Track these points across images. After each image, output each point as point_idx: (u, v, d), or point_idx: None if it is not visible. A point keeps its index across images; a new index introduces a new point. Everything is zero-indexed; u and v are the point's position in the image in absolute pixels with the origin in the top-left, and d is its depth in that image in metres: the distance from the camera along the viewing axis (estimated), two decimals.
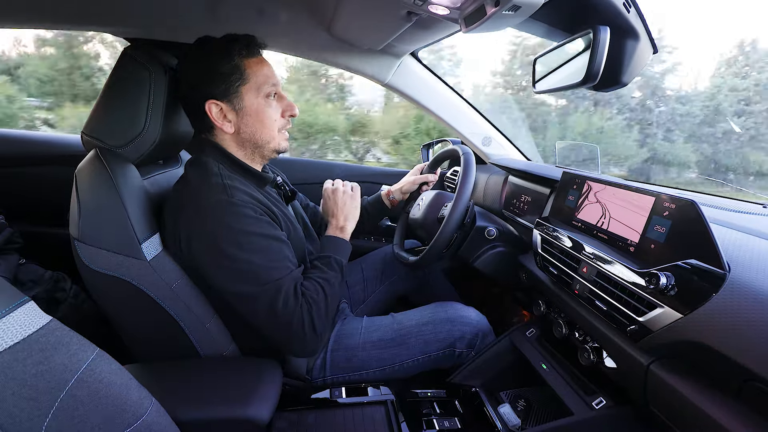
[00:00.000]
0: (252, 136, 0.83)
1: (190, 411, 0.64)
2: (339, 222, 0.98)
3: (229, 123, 0.81)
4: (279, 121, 0.85)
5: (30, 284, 1.13)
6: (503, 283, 1.14)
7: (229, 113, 0.81)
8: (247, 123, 0.82)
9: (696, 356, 0.56)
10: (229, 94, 0.79)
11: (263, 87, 0.81)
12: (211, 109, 0.79)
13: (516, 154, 1.52)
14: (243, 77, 0.79)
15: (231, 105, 0.80)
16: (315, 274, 0.83)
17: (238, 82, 0.79)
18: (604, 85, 0.80)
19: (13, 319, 0.41)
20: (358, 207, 1.02)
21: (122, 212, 0.73)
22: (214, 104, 0.79)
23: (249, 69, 0.80)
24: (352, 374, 0.93)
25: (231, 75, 0.78)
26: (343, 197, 1.01)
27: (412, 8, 0.77)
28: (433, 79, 1.37)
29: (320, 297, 0.79)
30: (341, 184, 1.06)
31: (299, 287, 0.77)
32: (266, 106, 0.82)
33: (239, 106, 0.80)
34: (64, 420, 0.41)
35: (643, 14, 0.71)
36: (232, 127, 0.82)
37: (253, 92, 0.81)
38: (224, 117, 0.80)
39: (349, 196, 1.02)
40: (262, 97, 0.82)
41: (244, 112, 0.81)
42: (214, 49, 0.79)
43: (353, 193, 1.04)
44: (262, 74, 0.81)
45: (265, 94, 0.82)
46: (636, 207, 0.69)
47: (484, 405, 0.86)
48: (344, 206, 1.00)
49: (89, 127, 0.79)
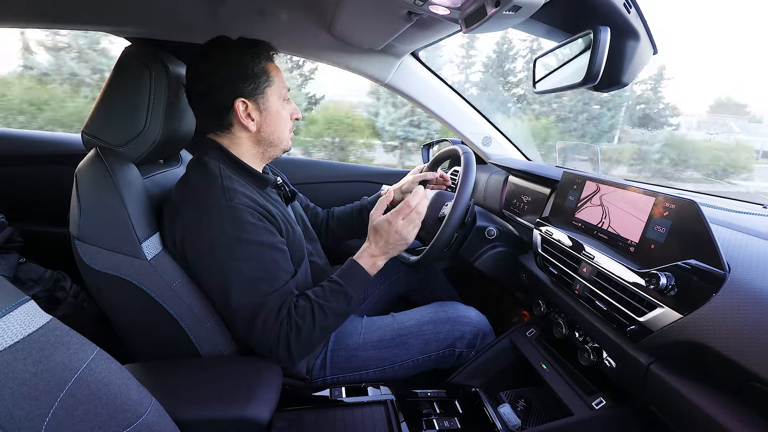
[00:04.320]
0: (270, 135, 0.86)
1: (190, 411, 0.64)
2: (377, 253, 0.87)
3: (253, 122, 0.84)
4: (289, 122, 0.90)
5: (30, 283, 1.13)
6: (503, 283, 1.14)
7: (254, 112, 0.83)
8: (269, 123, 0.85)
9: (696, 356, 0.56)
10: (256, 93, 0.82)
11: (282, 91, 0.87)
12: (238, 106, 0.81)
13: (516, 154, 1.52)
14: (269, 79, 0.84)
15: (256, 104, 0.83)
16: (315, 297, 0.80)
17: (266, 83, 0.83)
18: (605, 86, 0.80)
19: (13, 318, 0.41)
20: (407, 244, 0.88)
21: (122, 211, 0.73)
22: (242, 102, 0.81)
23: (272, 72, 0.84)
24: (352, 374, 0.93)
25: (260, 76, 0.82)
26: (404, 225, 0.86)
27: (412, 8, 0.77)
28: (433, 79, 1.37)
29: (306, 323, 0.76)
30: (419, 203, 0.87)
31: (285, 307, 0.75)
32: (284, 108, 0.88)
33: (264, 106, 0.84)
34: (64, 419, 0.41)
35: (643, 15, 0.71)
36: (255, 126, 0.84)
37: (276, 95, 0.85)
38: (248, 116, 0.83)
39: (411, 227, 0.87)
40: (282, 100, 0.87)
41: (268, 113, 0.85)
42: (244, 50, 0.81)
43: (412, 227, 0.87)
44: (280, 78, 0.86)
45: (283, 97, 0.87)
46: (636, 207, 0.69)
47: (484, 405, 0.86)
48: (396, 245, 0.86)
49: (90, 126, 0.79)
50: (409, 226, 0.86)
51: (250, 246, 0.74)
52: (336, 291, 0.82)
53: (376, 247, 0.87)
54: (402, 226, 0.86)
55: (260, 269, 0.75)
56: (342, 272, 0.85)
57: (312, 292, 0.81)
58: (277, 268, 0.77)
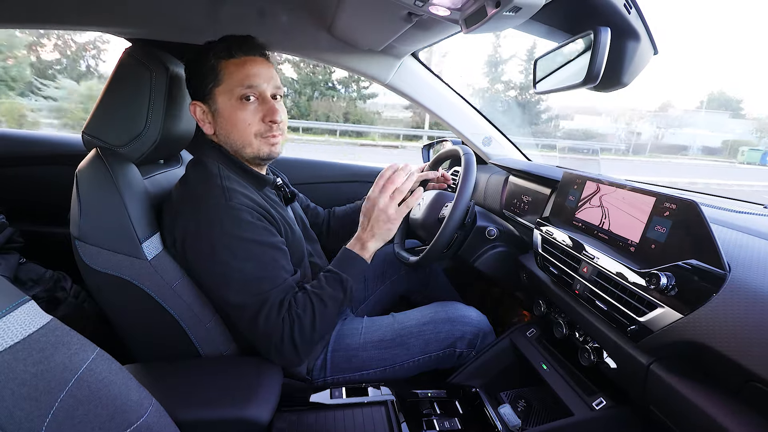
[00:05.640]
0: (226, 140, 0.82)
1: (190, 411, 0.64)
2: (365, 236, 0.86)
3: (209, 125, 0.82)
4: (256, 125, 0.80)
5: (30, 283, 1.13)
6: (504, 283, 1.14)
7: (208, 115, 0.82)
8: (221, 125, 0.81)
9: (696, 356, 0.56)
10: (204, 95, 0.80)
11: (236, 89, 0.78)
12: (194, 110, 0.81)
13: (516, 154, 1.52)
14: (217, 79, 0.78)
15: (208, 106, 0.81)
16: (312, 288, 0.80)
17: (212, 83, 0.79)
18: (605, 86, 0.80)
19: (14, 318, 0.41)
20: (396, 226, 0.87)
21: (123, 212, 0.73)
22: (197, 105, 0.81)
23: (225, 70, 0.78)
24: (352, 374, 0.93)
25: (206, 76, 0.79)
26: (387, 204, 0.84)
27: (412, 9, 0.77)
28: (433, 79, 1.37)
29: (307, 314, 0.76)
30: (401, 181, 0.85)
31: (286, 301, 0.75)
32: (239, 109, 0.79)
33: (214, 108, 0.81)
34: (64, 420, 0.41)
35: (643, 15, 0.71)
36: (211, 129, 0.83)
37: (225, 95, 0.79)
38: (205, 118, 0.82)
39: (395, 209, 0.85)
40: (236, 100, 0.78)
41: (218, 114, 0.81)
42: (200, 49, 0.80)
43: (400, 208, 0.86)
44: (238, 76, 0.78)
45: (239, 96, 0.78)
46: (636, 207, 0.69)
47: (484, 405, 0.86)
48: (378, 220, 0.85)
49: (90, 127, 0.79)
50: (385, 198, 0.84)
51: (250, 245, 0.74)
52: (330, 278, 0.82)
53: (362, 229, 0.87)
54: (381, 200, 0.84)
55: (260, 268, 0.75)
56: (335, 261, 0.86)
57: (309, 284, 0.81)
58: (277, 267, 0.77)
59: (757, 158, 22.70)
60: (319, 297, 0.78)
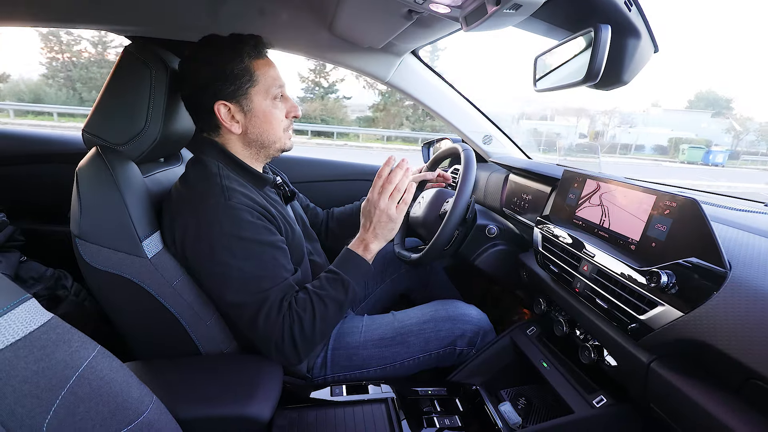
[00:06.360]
0: (259, 137, 0.84)
1: (191, 409, 0.64)
2: (368, 237, 0.86)
3: (237, 124, 0.81)
4: (284, 121, 0.85)
5: (31, 281, 1.13)
6: (504, 281, 1.14)
7: (237, 114, 0.81)
8: (255, 124, 0.82)
9: (697, 354, 0.56)
10: (238, 95, 0.79)
11: (271, 89, 0.82)
12: (219, 109, 0.79)
13: (517, 152, 1.52)
14: (252, 79, 0.79)
15: (239, 106, 0.80)
16: (313, 288, 0.80)
17: (248, 84, 0.79)
18: (605, 84, 0.80)
19: (15, 316, 0.41)
20: (398, 225, 0.87)
21: (123, 210, 0.73)
22: (223, 105, 0.79)
23: (258, 71, 0.80)
24: (352, 372, 0.93)
25: (241, 77, 0.78)
26: (388, 205, 0.85)
27: (413, 7, 0.77)
28: (433, 77, 1.37)
29: (307, 314, 0.76)
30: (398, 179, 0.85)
31: (286, 300, 0.76)
32: (273, 107, 0.83)
33: (248, 107, 0.81)
34: (65, 417, 0.41)
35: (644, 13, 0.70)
36: (239, 128, 0.82)
37: (261, 94, 0.81)
38: (232, 118, 0.81)
39: (388, 201, 0.85)
40: (270, 99, 0.82)
41: (253, 114, 0.81)
42: (223, 50, 0.78)
43: (399, 206, 0.86)
44: (269, 76, 0.81)
45: (273, 96, 0.82)
46: (637, 205, 0.69)
47: (484, 403, 0.86)
48: (380, 221, 0.85)
49: (90, 125, 0.79)
50: (385, 199, 0.85)
51: (250, 244, 0.74)
52: (332, 279, 0.82)
53: (364, 230, 0.87)
54: (381, 201, 0.85)
55: (260, 267, 0.75)
56: (337, 261, 0.86)
57: (310, 284, 0.81)
58: (277, 266, 0.77)
59: (698, 156, 21.35)
60: (320, 298, 0.78)
